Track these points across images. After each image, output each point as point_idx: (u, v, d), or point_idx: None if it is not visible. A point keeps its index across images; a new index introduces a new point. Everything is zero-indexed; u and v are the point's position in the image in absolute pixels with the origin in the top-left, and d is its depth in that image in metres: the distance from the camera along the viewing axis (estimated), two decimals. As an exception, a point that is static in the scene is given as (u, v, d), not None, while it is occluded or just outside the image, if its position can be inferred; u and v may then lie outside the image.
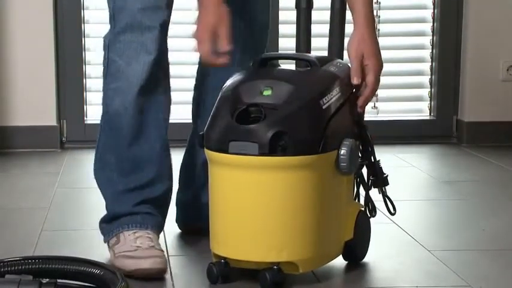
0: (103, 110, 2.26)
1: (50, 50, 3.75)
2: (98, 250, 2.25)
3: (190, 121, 2.44)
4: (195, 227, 2.42)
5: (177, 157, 2.44)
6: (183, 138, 2.47)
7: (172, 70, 2.27)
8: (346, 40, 2.21)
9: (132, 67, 2.17)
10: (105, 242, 2.24)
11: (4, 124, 3.76)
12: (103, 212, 2.29)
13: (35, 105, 3.76)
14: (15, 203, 2.91)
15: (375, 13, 3.78)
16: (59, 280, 1.87)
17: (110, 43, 2.22)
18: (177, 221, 2.47)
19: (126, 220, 2.20)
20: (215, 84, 2.23)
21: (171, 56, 2.25)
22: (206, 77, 2.37)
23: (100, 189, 2.30)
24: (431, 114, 4.04)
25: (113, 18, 2.22)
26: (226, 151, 1.96)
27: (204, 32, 2.06)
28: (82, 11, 3.79)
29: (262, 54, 2.16)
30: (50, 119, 3.78)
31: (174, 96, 2.28)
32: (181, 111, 2.91)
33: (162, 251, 2.16)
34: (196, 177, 2.42)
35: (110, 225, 2.23)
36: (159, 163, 2.24)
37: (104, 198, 2.29)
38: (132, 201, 2.22)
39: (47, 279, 1.84)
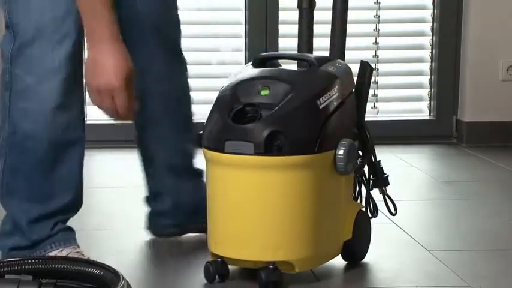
0: (8, 129, 2.03)
1: (50, 50, 3.74)
2: (97, 250, 2.25)
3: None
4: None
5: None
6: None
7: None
8: (348, 40, 2.21)
9: (43, 87, 1.98)
10: None
11: (4, 124, 3.75)
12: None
13: (35, 106, 3.75)
14: (15, 203, 2.90)
15: (374, 13, 3.89)
16: (58, 280, 1.87)
17: (12, 57, 1.99)
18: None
19: (47, 242, 2.09)
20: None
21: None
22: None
23: (11, 215, 2.11)
24: (431, 114, 4.04)
25: (11, 26, 1.99)
26: (222, 150, 1.96)
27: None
28: (82, 11, 3.78)
29: (260, 54, 2.15)
30: (50, 119, 3.77)
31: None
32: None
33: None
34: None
35: (33, 250, 2.09)
36: (78, 185, 2.12)
37: (18, 225, 2.10)
38: (50, 225, 2.09)
39: (47, 280, 1.83)
